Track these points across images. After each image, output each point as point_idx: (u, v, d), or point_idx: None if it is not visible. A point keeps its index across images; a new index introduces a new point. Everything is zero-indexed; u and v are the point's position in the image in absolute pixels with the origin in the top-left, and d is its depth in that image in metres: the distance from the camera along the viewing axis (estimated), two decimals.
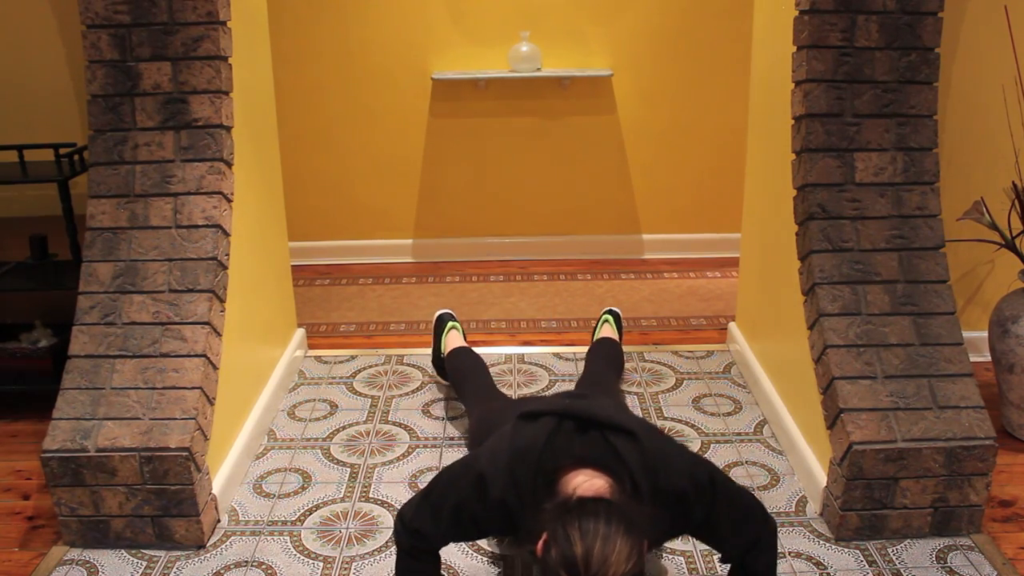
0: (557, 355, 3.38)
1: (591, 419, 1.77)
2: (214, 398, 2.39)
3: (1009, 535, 2.34)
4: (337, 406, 3.04)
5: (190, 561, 2.28)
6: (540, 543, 1.59)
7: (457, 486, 1.84)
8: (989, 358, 2.89)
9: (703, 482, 1.79)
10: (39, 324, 3.08)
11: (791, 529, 2.36)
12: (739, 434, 2.83)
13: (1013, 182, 2.77)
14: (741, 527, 1.84)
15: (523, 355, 3.40)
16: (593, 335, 3.14)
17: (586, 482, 1.69)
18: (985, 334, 2.91)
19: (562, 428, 1.77)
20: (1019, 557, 2.26)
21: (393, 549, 2.29)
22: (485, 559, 2.26)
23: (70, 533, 2.32)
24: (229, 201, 2.50)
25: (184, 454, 2.23)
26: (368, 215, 4.46)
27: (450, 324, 3.03)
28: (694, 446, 2.75)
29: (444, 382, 3.12)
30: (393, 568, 2.03)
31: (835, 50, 2.39)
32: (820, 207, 2.43)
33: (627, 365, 3.30)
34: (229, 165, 2.51)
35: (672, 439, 1.95)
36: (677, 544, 2.29)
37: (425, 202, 4.44)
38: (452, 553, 2.27)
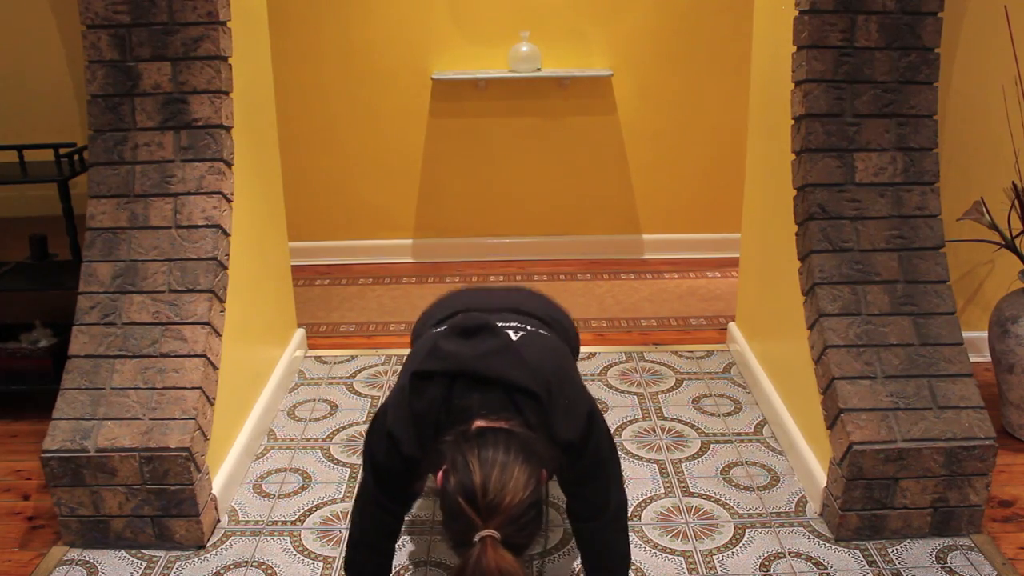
0: None
1: (488, 379, 1.70)
2: (214, 398, 2.39)
3: (1009, 535, 2.34)
4: (337, 406, 3.04)
5: (190, 561, 2.28)
6: (440, 473, 1.58)
7: (372, 442, 1.83)
8: (989, 358, 2.89)
9: (588, 441, 1.79)
10: (39, 324, 3.08)
11: (791, 529, 2.36)
12: (739, 434, 2.83)
13: (1013, 182, 2.77)
14: (596, 488, 1.85)
15: None
16: None
17: (486, 418, 1.67)
18: (985, 334, 2.91)
19: (456, 387, 1.70)
20: (1019, 557, 2.26)
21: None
22: None
23: (70, 533, 2.32)
24: (229, 201, 2.50)
25: (184, 454, 2.23)
26: (368, 215, 4.46)
27: None
28: (694, 446, 2.75)
29: None
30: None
31: (835, 50, 2.39)
32: (820, 207, 2.43)
33: (627, 365, 3.30)
34: (229, 165, 2.51)
35: (574, 385, 1.84)
36: (677, 544, 2.30)
37: (425, 202, 4.44)
38: (445, 551, 2.27)
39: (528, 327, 1.93)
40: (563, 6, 4.13)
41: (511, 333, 1.85)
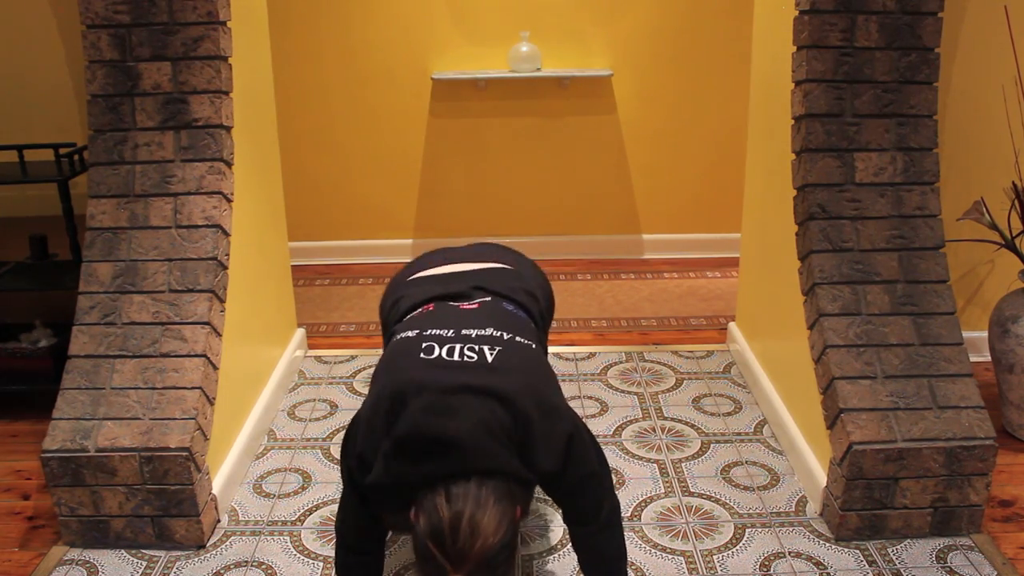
0: (557, 355, 3.38)
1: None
2: (214, 398, 2.39)
3: (1009, 535, 2.34)
4: (337, 406, 3.04)
5: (190, 561, 2.28)
6: (413, 511, 1.53)
7: (347, 455, 1.76)
8: (989, 358, 2.89)
9: (567, 466, 1.72)
10: (39, 324, 3.08)
11: (791, 529, 2.36)
12: (739, 434, 2.83)
13: (1013, 182, 2.77)
14: (586, 499, 1.81)
15: None
16: None
17: None
18: (985, 334, 2.91)
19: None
20: (1019, 557, 2.26)
21: (391, 550, 2.29)
22: None
23: (70, 533, 2.32)
24: (229, 201, 2.50)
25: (184, 454, 2.23)
26: (368, 215, 4.46)
27: None
28: (694, 446, 2.75)
29: None
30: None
31: (835, 50, 2.39)
32: (820, 207, 2.43)
33: (627, 365, 3.30)
34: (229, 165, 2.51)
35: (553, 411, 1.71)
36: (677, 544, 2.30)
37: (425, 202, 4.44)
38: None
39: (504, 336, 1.81)
40: (563, 6, 4.13)
41: (486, 351, 1.73)
